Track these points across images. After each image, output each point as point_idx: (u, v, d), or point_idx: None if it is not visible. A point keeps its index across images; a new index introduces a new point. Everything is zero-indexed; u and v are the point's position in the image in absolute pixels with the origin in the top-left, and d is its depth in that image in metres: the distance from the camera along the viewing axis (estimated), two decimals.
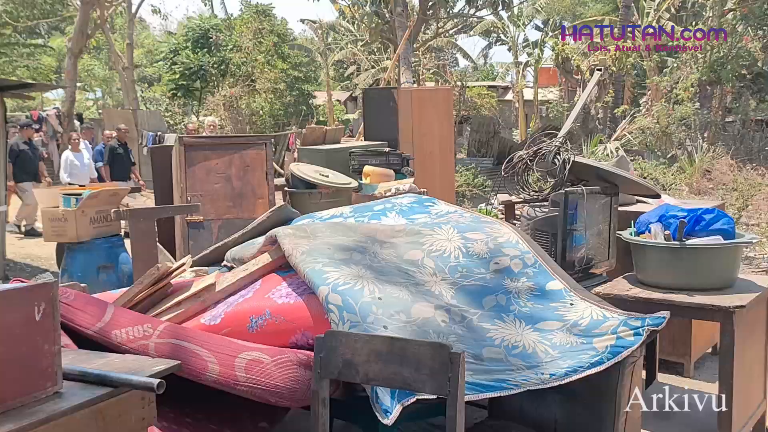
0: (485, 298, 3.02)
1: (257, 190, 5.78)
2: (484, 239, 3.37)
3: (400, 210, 4.00)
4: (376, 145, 6.93)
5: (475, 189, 11.45)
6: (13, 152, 10.12)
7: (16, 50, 26.31)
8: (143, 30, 36.90)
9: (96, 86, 33.13)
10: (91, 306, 2.53)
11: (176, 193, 5.79)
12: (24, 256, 9.73)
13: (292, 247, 3.05)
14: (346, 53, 35.77)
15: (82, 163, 10.60)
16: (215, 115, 19.53)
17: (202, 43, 23.60)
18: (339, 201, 6.00)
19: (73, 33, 19.12)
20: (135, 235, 4.84)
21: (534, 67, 32.87)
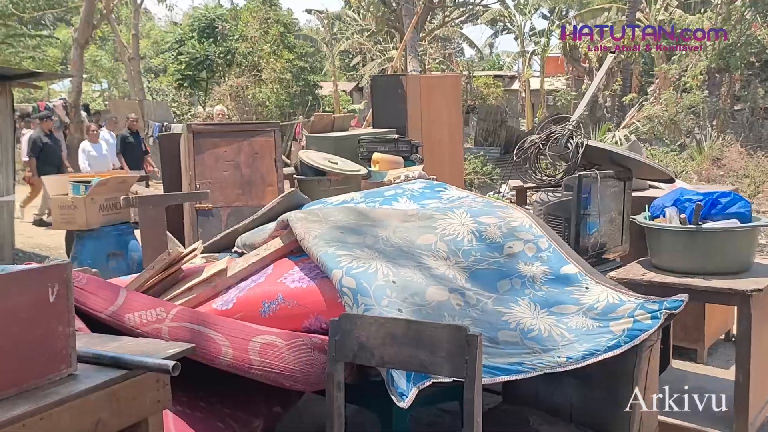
0: (499, 282, 2.99)
1: (266, 178, 5.75)
2: (497, 223, 3.33)
3: (411, 195, 3.97)
4: (385, 133, 6.89)
5: (484, 177, 11.40)
6: (36, 146, 10.21)
7: (22, 42, 26.31)
8: (148, 21, 36.86)
9: (102, 77, 33.14)
10: (104, 290, 2.51)
11: (185, 181, 5.77)
12: (33, 246, 9.75)
13: (304, 231, 3.02)
14: (352, 43, 35.68)
15: (99, 154, 10.59)
16: (223, 105, 19.50)
17: (207, 33, 23.54)
18: (348, 188, 5.97)
19: (79, 23, 19.08)
20: (144, 223, 4.83)
21: (541, 56, 32.63)
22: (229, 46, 22.79)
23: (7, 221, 8.38)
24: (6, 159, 8.20)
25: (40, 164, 10.14)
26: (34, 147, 10.18)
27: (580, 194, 3.62)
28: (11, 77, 8.39)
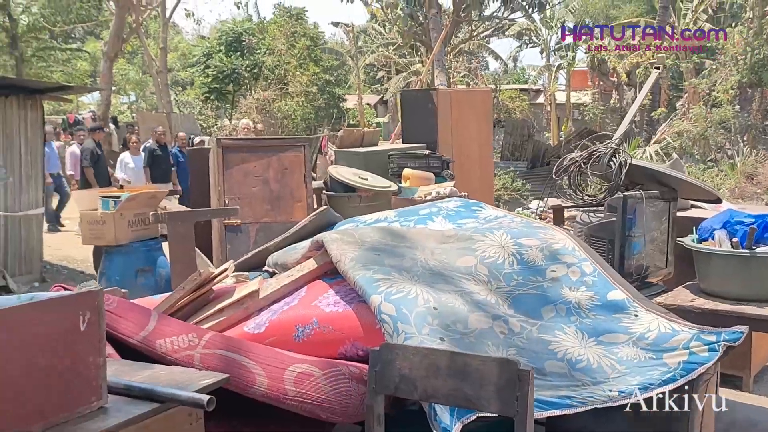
0: (544, 307, 2.85)
1: (295, 193, 5.67)
2: (538, 246, 3.20)
3: (446, 214, 3.85)
4: (415, 148, 6.78)
5: (514, 193, 11.22)
6: (93, 156, 10.31)
7: (52, 55, 26.73)
8: (176, 35, 37.29)
9: (130, 90, 33.53)
10: (134, 313, 2.42)
11: (213, 196, 5.71)
12: (61, 258, 9.77)
13: (339, 253, 2.91)
14: (377, 56, 35.72)
15: (137, 166, 10.64)
16: (249, 118, 19.57)
17: (235, 46, 23.70)
18: (378, 204, 5.87)
19: (109, 37, 19.36)
20: (173, 238, 4.77)
21: (566, 70, 32.38)
22: (255, 60, 22.91)
23: (36, 233, 8.41)
24: (35, 172, 8.24)
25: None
26: (91, 157, 10.33)
27: (625, 215, 3.47)
28: (41, 91, 8.45)
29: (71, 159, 10.68)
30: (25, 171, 8.13)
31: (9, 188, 7.96)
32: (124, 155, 10.82)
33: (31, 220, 8.25)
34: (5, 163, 7.88)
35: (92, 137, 10.89)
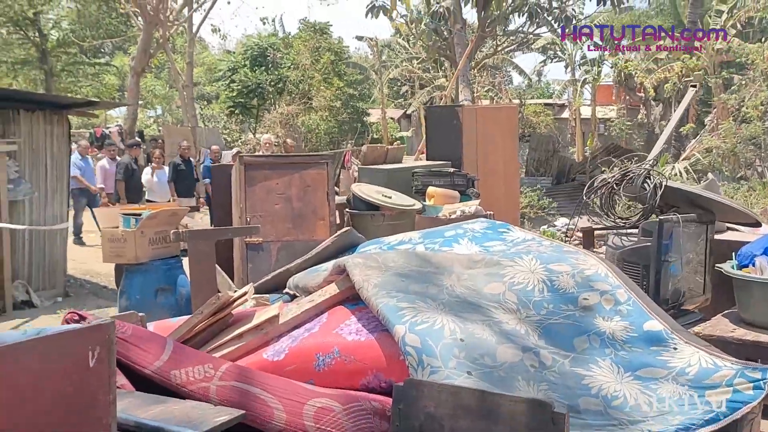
0: (576, 338, 2.72)
1: (318, 211, 5.58)
2: (569, 272, 3.07)
3: (472, 237, 3.73)
4: (440, 165, 6.67)
5: (540, 211, 11.04)
6: (128, 171, 10.48)
7: (81, 69, 27.14)
8: (203, 49, 37.68)
9: (156, 104, 33.90)
10: (149, 342, 2.34)
11: (235, 214, 5.64)
12: (84, 272, 9.78)
13: (362, 278, 2.81)
14: (401, 71, 35.74)
15: (161, 182, 10.69)
16: (272, 133, 19.62)
17: (260, 61, 23.84)
18: (402, 223, 5.76)
19: (136, 52, 19.56)
20: (193, 257, 4.69)
21: (592, 85, 32.10)
22: (280, 74, 23.01)
23: (60, 248, 8.43)
24: (60, 187, 8.27)
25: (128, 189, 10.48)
26: (125, 171, 10.48)
27: (661, 240, 3.32)
28: (68, 106, 8.50)
29: (101, 173, 10.79)
30: (51, 186, 8.16)
31: (34, 203, 7.99)
32: (147, 171, 10.86)
33: (56, 234, 8.27)
34: (31, 177, 7.92)
35: (129, 152, 11.24)
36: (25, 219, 7.89)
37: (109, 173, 10.83)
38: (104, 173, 10.85)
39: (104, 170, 10.88)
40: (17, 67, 24.60)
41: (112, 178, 10.80)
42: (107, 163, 10.97)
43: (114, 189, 10.81)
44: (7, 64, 24.06)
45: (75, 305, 7.97)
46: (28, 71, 24.98)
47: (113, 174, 10.78)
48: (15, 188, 7.70)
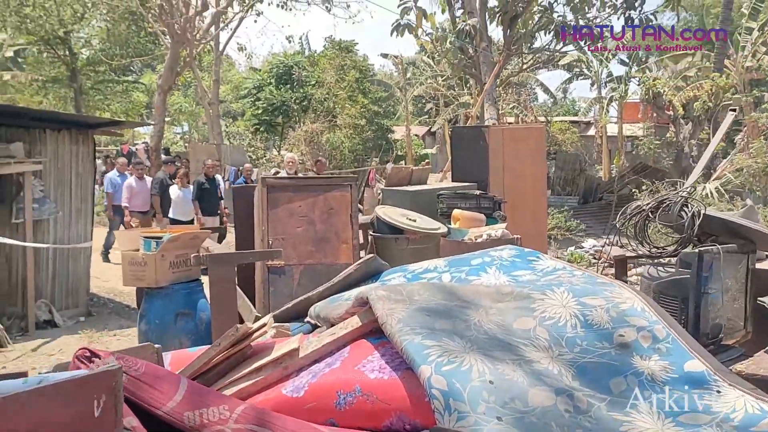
0: (612, 380, 2.56)
1: (341, 234, 5.47)
2: (604, 306, 2.91)
3: (500, 265, 3.59)
4: (465, 187, 6.53)
5: (567, 233, 10.82)
6: (162, 186, 10.85)
7: (109, 87, 27.54)
8: (230, 67, 38.08)
9: (183, 120, 34.28)
10: (162, 381, 2.23)
11: (257, 236, 5.56)
12: (108, 291, 9.78)
13: (386, 313, 2.68)
14: (426, 88, 35.76)
15: (185, 200, 10.76)
16: (296, 151, 19.67)
17: (285, 79, 23.98)
18: (427, 247, 5.64)
19: (164, 71, 19.78)
20: (214, 281, 4.61)
21: (618, 102, 31.80)
22: (305, 92, 23.11)
23: (84, 267, 8.43)
24: (85, 206, 8.29)
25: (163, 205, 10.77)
26: (160, 186, 10.80)
27: (700, 272, 3.15)
28: (93, 125, 8.54)
29: (127, 191, 10.83)
30: (75, 205, 8.18)
31: (59, 222, 8.02)
32: (173, 189, 10.93)
33: (79, 253, 8.27)
34: (56, 197, 7.95)
35: (164, 169, 11.54)
36: (50, 238, 7.91)
37: (135, 191, 10.88)
38: (131, 191, 10.88)
39: (131, 188, 10.91)
40: (48, 85, 25.03)
41: (138, 196, 10.86)
42: (134, 181, 11.01)
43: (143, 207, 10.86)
44: (38, 82, 24.48)
45: (97, 325, 7.94)
46: (58, 89, 25.40)
47: (139, 193, 10.86)
48: (40, 207, 7.72)
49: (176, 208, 10.77)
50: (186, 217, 10.77)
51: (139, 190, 10.94)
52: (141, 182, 11.02)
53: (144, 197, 10.99)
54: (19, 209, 7.52)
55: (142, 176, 11.13)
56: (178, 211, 10.76)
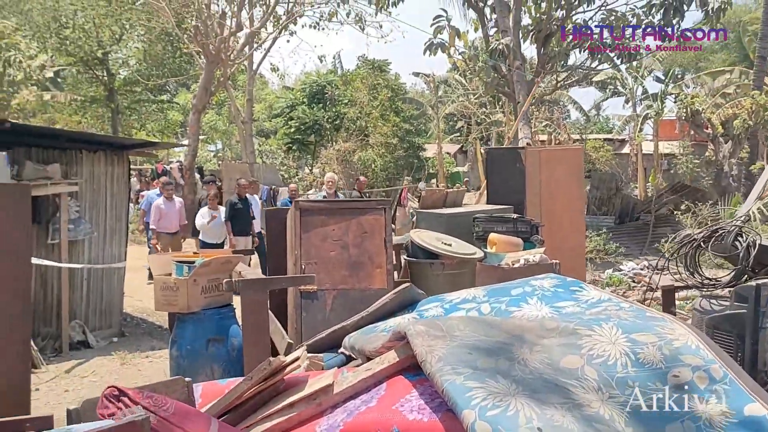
0: (669, 425, 2.39)
1: (375, 259, 5.36)
2: (656, 343, 2.74)
3: (542, 296, 3.44)
4: (502, 210, 6.38)
5: (606, 256, 10.55)
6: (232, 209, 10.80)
7: (145, 107, 28.01)
8: (263, 85, 38.49)
9: (217, 138, 34.69)
10: (192, 422, 2.14)
11: (290, 260, 5.48)
12: (140, 311, 9.81)
13: (425, 350, 2.55)
14: (457, 106, 35.69)
15: (215, 223, 10.66)
16: (328, 169, 19.67)
17: (318, 98, 24.11)
18: (462, 272, 5.50)
19: (198, 90, 20.04)
20: (246, 308, 4.54)
21: (654, 120, 31.34)
22: (338, 111, 23.19)
23: (117, 287, 8.45)
24: (120, 227, 8.32)
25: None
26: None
27: (758, 307, 2.96)
28: (128, 147, 8.60)
29: (155, 212, 10.69)
30: (110, 225, 8.23)
31: (93, 242, 8.06)
32: (203, 210, 10.83)
33: (113, 273, 8.30)
34: (91, 218, 8.00)
35: (206, 189, 11.54)
36: (84, 258, 7.96)
37: (164, 213, 10.74)
38: (159, 212, 10.73)
39: (159, 209, 10.75)
40: (86, 105, 25.55)
41: (167, 217, 10.72)
42: (163, 202, 10.86)
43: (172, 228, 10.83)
44: (77, 102, 25.01)
45: (130, 346, 7.94)
46: (96, 109, 25.90)
47: (167, 214, 10.70)
48: (75, 228, 7.77)
49: (205, 230, 10.68)
50: (216, 240, 10.67)
51: (168, 210, 10.79)
52: (170, 203, 10.88)
53: (172, 218, 10.83)
54: (54, 230, 7.58)
55: (171, 196, 10.99)
56: (207, 233, 10.65)
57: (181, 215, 11.02)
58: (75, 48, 22.43)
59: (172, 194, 11.08)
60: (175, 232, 10.91)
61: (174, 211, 10.88)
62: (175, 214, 10.87)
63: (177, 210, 10.94)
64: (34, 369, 6.72)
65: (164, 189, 11.06)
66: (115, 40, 22.96)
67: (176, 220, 10.88)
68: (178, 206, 11.04)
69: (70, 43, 22.19)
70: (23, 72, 19.22)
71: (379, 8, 20.05)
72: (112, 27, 21.89)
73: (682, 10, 14.52)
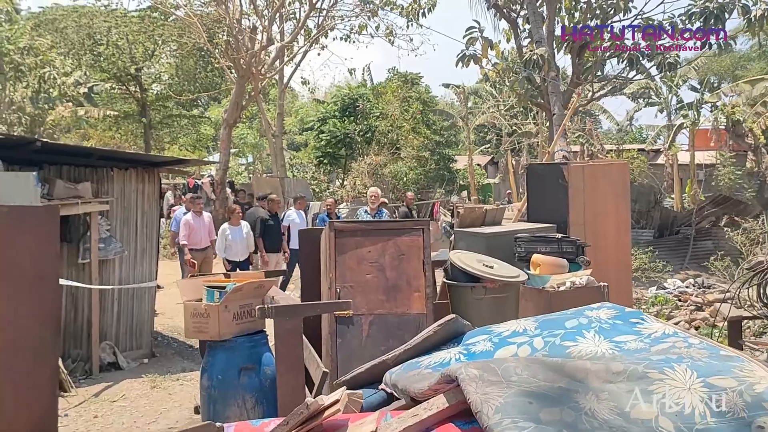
0: None
1: (413, 282, 5.10)
2: (735, 388, 2.44)
3: (599, 329, 3.15)
4: (544, 229, 6.09)
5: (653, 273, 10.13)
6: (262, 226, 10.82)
7: (177, 122, 28.22)
8: (294, 99, 38.61)
9: (248, 152, 34.82)
10: None
11: (324, 284, 5.25)
12: (171, 329, 9.67)
13: (481, 399, 2.30)
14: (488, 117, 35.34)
15: (238, 238, 10.43)
16: (359, 183, 19.52)
17: (349, 111, 24.02)
18: (506, 296, 5.23)
19: (229, 105, 20.08)
20: (279, 335, 4.33)
21: (690, 130, 30.65)
22: (369, 124, 23.06)
23: (148, 307, 8.33)
24: (151, 246, 8.20)
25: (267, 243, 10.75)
26: (262, 226, 10.80)
27: None
28: (159, 164, 8.50)
29: (185, 228, 10.44)
30: (141, 244, 8.11)
31: (124, 261, 7.95)
32: (224, 226, 10.54)
33: (144, 293, 8.18)
34: (121, 236, 7.89)
35: (260, 205, 11.53)
36: (115, 278, 7.85)
37: (194, 228, 10.47)
38: (189, 228, 10.44)
39: (189, 225, 10.44)
40: (119, 120, 25.81)
41: (197, 233, 10.47)
42: (192, 218, 10.56)
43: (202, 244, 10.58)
44: (110, 117, 25.27)
45: (160, 368, 7.79)
46: (129, 124, 26.15)
47: (198, 230, 10.47)
48: (106, 247, 7.67)
49: (230, 248, 10.40)
50: (240, 257, 10.40)
51: (198, 226, 10.51)
52: (199, 218, 10.61)
53: (202, 233, 10.58)
54: (85, 249, 7.48)
55: (200, 212, 10.74)
56: (231, 250, 10.40)
57: (211, 230, 10.81)
58: (109, 64, 22.69)
59: (201, 209, 10.85)
60: (205, 248, 10.67)
61: (203, 226, 10.63)
62: (204, 229, 10.63)
63: (206, 225, 10.71)
64: (64, 392, 6.59)
65: (193, 204, 10.84)
66: (148, 56, 23.17)
67: (206, 235, 10.63)
68: (207, 221, 10.80)
69: (104, 59, 22.45)
70: (58, 89, 19.45)
71: (410, 20, 19.90)
72: (146, 43, 22.10)
73: (723, 18, 14.05)
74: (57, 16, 21.96)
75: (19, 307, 4.81)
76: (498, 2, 16.38)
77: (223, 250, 10.20)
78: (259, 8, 19.77)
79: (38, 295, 4.88)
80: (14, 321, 4.76)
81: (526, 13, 16.49)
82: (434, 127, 24.41)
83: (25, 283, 5.00)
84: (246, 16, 20.23)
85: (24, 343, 5.00)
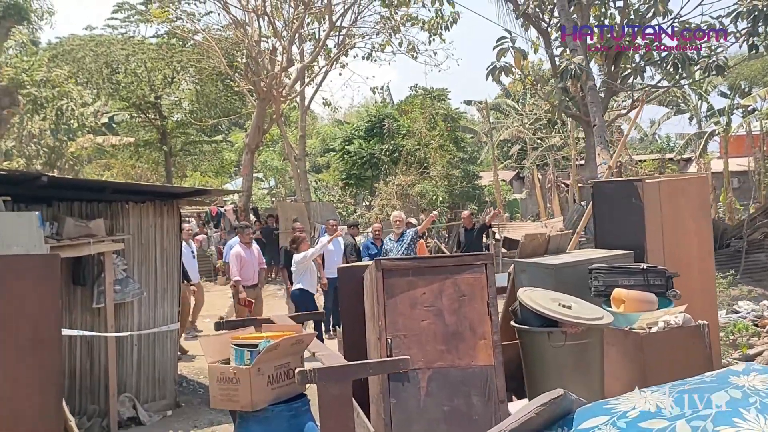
0: None
1: (477, 328, 4.30)
2: None
3: (762, 404, 2.34)
4: (621, 257, 5.26)
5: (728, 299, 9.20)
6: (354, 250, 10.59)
7: (198, 148, 27.77)
8: (313, 120, 38.13)
9: (270, 176, 34.30)
10: None
11: (371, 333, 4.47)
12: (197, 372, 8.93)
13: None
14: (512, 132, 34.54)
15: (250, 258, 9.66)
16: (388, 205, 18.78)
17: (375, 131, 23.37)
18: (588, 342, 4.38)
19: (250, 129, 19.54)
20: (324, 402, 3.56)
21: (723, 137, 29.58)
22: (396, 144, 22.37)
23: (170, 352, 7.60)
24: (171, 285, 7.50)
25: None
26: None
27: None
28: (180, 195, 7.82)
29: (236, 261, 9.51)
30: (161, 284, 7.40)
31: (143, 304, 7.24)
32: (237, 248, 9.71)
33: (165, 338, 7.45)
34: (140, 276, 7.19)
35: (350, 233, 11.14)
36: (134, 322, 7.14)
37: (246, 262, 9.56)
38: (240, 261, 9.51)
39: (240, 258, 9.52)
40: (140, 149, 25.41)
41: (249, 267, 9.63)
42: (242, 250, 9.63)
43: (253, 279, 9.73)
44: (131, 147, 24.86)
45: (186, 422, 7.03)
46: (150, 152, 25.74)
47: (249, 262, 9.64)
48: (123, 289, 6.96)
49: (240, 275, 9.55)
50: (251, 281, 9.63)
51: (249, 258, 9.63)
52: (248, 250, 9.71)
53: (253, 267, 9.72)
54: (100, 293, 6.77)
55: (250, 243, 9.83)
56: (242, 275, 9.47)
57: (261, 262, 10.06)
58: (128, 93, 22.30)
59: (251, 240, 9.96)
60: (255, 285, 9.76)
61: (254, 259, 9.77)
62: (255, 262, 9.78)
63: (257, 257, 9.85)
64: None
65: (242, 234, 9.91)
66: (167, 83, 22.76)
67: (257, 269, 9.79)
68: (257, 254, 9.95)
69: (122, 87, 22.07)
70: (77, 120, 19.05)
71: (432, 34, 19.28)
72: (164, 70, 21.68)
73: None
74: (74, 46, 21.63)
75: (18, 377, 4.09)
76: (527, 11, 15.66)
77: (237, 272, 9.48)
78: (278, 29, 19.26)
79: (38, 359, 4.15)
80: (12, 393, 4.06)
81: (557, 22, 15.76)
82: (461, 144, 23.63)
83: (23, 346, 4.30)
84: (264, 39, 19.73)
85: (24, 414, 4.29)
